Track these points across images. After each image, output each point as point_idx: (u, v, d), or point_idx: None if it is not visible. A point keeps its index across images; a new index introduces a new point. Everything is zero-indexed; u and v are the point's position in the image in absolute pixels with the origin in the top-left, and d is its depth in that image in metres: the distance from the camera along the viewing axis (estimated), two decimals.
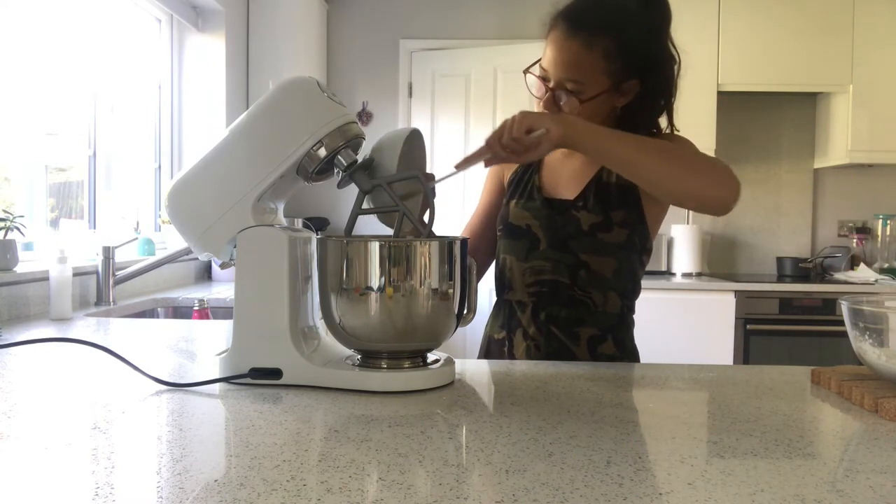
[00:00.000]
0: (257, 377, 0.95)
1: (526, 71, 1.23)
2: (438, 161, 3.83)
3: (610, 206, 1.23)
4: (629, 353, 1.28)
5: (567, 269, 1.24)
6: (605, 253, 1.22)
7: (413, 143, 1.11)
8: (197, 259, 2.76)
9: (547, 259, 1.25)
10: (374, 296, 0.93)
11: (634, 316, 1.31)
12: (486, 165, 1.10)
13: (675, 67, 1.21)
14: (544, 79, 1.20)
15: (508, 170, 1.38)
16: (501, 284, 1.34)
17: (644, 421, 0.82)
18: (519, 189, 1.32)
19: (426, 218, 1.05)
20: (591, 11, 1.17)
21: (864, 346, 0.91)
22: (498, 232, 1.34)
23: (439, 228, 1.04)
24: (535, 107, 1.23)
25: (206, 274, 2.93)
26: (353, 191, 1.01)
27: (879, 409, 0.84)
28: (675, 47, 1.21)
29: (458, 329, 1.00)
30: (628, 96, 1.21)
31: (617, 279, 1.24)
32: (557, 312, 1.25)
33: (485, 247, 1.39)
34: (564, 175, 1.30)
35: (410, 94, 3.87)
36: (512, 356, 1.28)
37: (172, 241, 2.66)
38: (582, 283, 1.24)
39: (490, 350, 1.34)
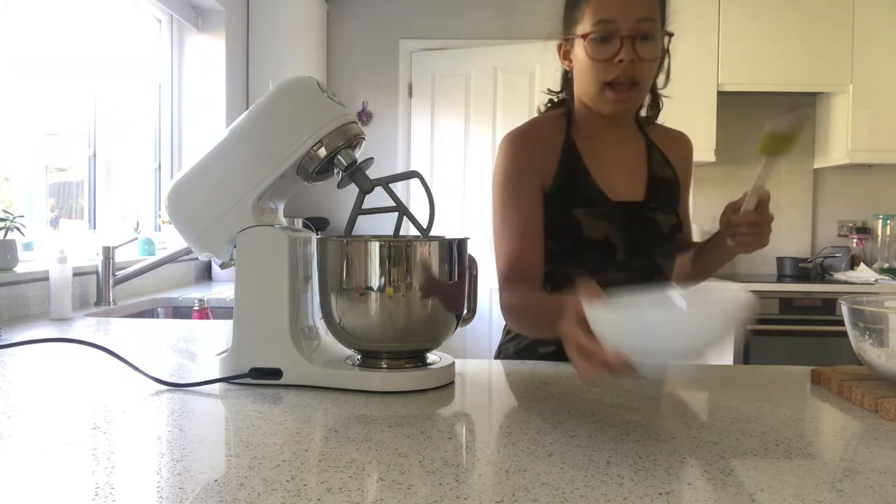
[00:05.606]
0: (257, 377, 0.95)
1: (585, 35, 1.07)
2: (438, 161, 3.83)
3: (674, 203, 1.19)
4: None
5: (643, 277, 1.16)
6: (674, 255, 1.15)
7: None
8: (197, 259, 2.76)
9: (623, 269, 1.15)
10: (374, 296, 0.93)
11: None
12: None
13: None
14: (610, 33, 1.06)
15: (548, 178, 1.17)
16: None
17: (644, 421, 0.81)
18: (573, 195, 1.15)
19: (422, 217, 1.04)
20: None
21: (864, 346, 0.91)
22: (559, 247, 1.17)
23: (440, 228, 1.04)
24: (594, 74, 1.09)
25: (206, 274, 2.92)
26: (353, 191, 1.01)
27: (879, 409, 0.84)
28: None
29: (458, 329, 1.00)
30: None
31: (674, 279, 1.22)
32: None
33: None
34: (615, 170, 1.17)
35: (410, 94, 3.86)
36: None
37: (172, 241, 2.65)
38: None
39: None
